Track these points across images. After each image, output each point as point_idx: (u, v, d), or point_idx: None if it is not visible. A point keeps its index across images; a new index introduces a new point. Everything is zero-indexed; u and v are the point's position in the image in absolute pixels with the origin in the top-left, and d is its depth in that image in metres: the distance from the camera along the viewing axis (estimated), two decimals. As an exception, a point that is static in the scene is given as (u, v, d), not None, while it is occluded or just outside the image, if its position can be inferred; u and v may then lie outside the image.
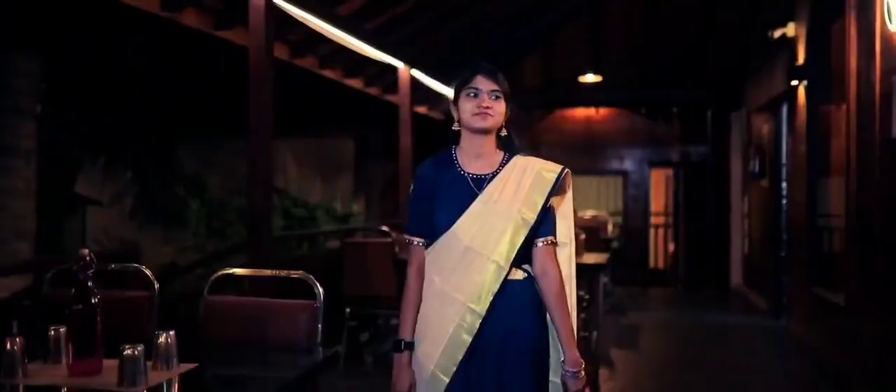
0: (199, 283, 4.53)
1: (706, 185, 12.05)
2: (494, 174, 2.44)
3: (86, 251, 2.37)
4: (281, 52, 6.88)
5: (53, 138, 8.33)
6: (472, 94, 2.40)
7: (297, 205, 11.37)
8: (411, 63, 8.40)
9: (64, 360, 2.39)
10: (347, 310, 6.22)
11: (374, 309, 6.39)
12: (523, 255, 2.40)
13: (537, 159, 2.50)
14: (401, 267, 6.34)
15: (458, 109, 2.45)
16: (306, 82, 8.66)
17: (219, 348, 2.87)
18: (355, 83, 8.91)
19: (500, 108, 2.42)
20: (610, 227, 11.20)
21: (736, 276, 11.45)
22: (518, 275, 2.40)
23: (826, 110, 6.68)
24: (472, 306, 2.36)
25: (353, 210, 12.27)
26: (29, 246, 7.00)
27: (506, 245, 2.36)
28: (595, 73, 11.47)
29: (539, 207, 2.39)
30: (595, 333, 6.76)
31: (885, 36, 4.51)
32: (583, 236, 7.91)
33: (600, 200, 14.33)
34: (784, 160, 8.27)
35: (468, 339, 2.37)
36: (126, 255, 5.63)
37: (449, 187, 2.43)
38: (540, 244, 2.41)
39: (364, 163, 14.00)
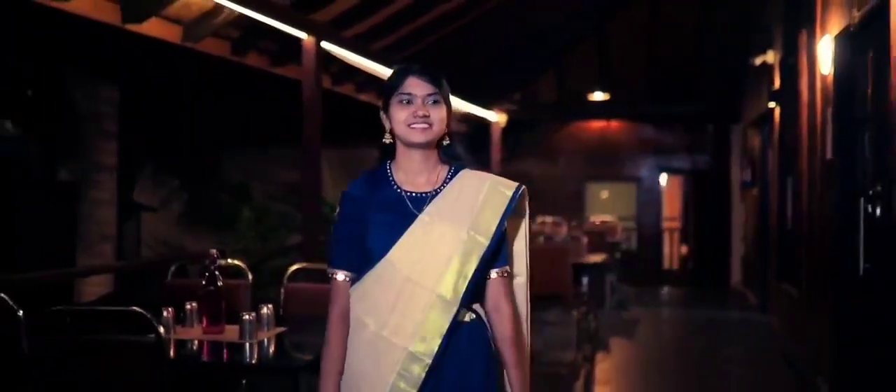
0: (258, 277, 5.67)
1: (709, 192, 13.06)
2: (437, 191, 2.01)
3: (214, 251, 3.50)
4: (324, 81, 8.04)
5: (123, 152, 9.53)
6: (404, 101, 1.97)
7: (333, 210, 12.50)
8: (436, 86, 9.53)
9: (197, 325, 3.52)
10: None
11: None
12: (475, 291, 1.97)
13: (489, 174, 2.07)
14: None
15: (389, 119, 2.02)
16: (341, 97, 9.80)
17: (296, 321, 3.98)
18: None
19: (439, 114, 1.99)
20: (619, 231, 12.21)
21: (736, 275, 12.43)
22: (466, 317, 1.99)
23: (794, 130, 7.69)
24: (416, 351, 1.90)
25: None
26: (111, 247, 8.21)
27: (452, 275, 1.92)
28: (602, 90, 12.51)
29: (493, 230, 1.96)
30: (593, 323, 7.85)
31: (822, 76, 5.54)
32: (585, 239, 8.98)
33: (615, 206, 15.30)
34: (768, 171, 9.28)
35: None
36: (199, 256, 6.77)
37: (383, 209, 1.98)
38: (494, 276, 1.99)
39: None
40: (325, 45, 6.59)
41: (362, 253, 1.98)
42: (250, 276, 4.18)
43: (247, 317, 3.33)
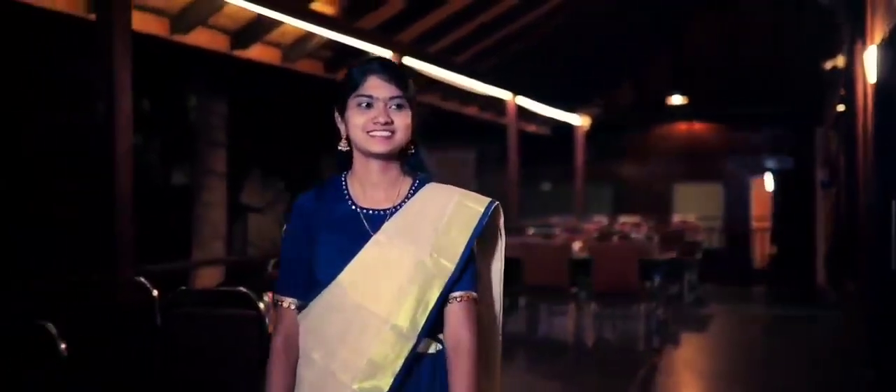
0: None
1: (795, 192, 13.16)
2: (397, 208, 1.74)
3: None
4: (410, 92, 8.75)
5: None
6: (364, 104, 1.70)
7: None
8: (516, 93, 10.13)
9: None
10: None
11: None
12: (438, 321, 1.72)
13: (457, 189, 1.79)
14: (507, 263, 8.03)
15: (345, 124, 1.74)
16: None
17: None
18: (471, 110, 10.72)
19: (404, 120, 1.71)
20: (699, 231, 12.44)
21: (820, 274, 12.50)
22: (430, 348, 1.73)
23: (854, 134, 7.92)
24: (363, 390, 1.67)
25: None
26: (222, 244, 9.16)
27: (411, 304, 1.67)
28: (682, 93, 12.81)
29: (460, 252, 1.70)
30: (662, 318, 8.26)
31: (869, 83, 5.85)
32: (657, 238, 9.37)
33: (702, 206, 15.45)
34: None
35: None
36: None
37: (335, 227, 1.72)
38: (455, 301, 1.71)
39: (484, 173, 15.69)
40: (407, 60, 7.28)
41: (309, 277, 1.73)
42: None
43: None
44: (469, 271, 1.74)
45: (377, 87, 1.71)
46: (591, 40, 11.24)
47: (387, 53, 7.00)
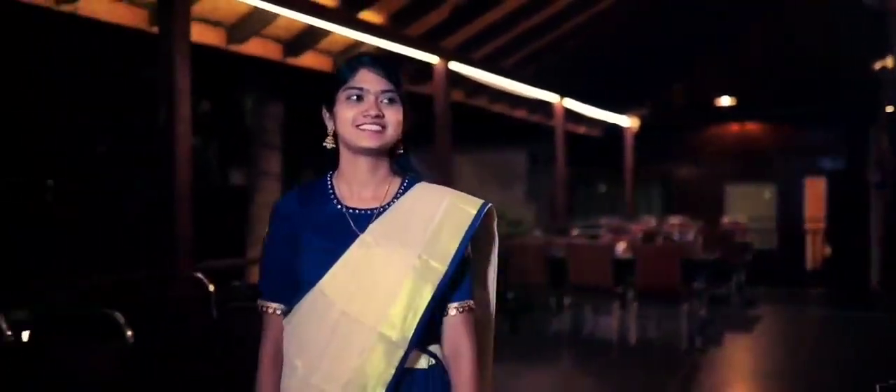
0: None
1: (849, 193, 13.03)
2: (386, 208, 1.68)
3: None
4: (458, 95, 8.99)
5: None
6: (353, 97, 1.65)
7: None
8: (563, 95, 10.28)
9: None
10: (510, 294, 8.18)
11: (528, 293, 8.32)
12: (430, 329, 1.65)
13: (449, 189, 1.74)
14: (554, 263, 8.27)
15: (334, 119, 1.69)
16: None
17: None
18: (520, 113, 10.90)
19: (395, 115, 1.67)
20: (749, 232, 12.38)
21: (875, 276, 12.35)
22: (421, 362, 1.66)
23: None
24: None
25: (524, 216, 14.17)
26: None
27: (400, 310, 1.60)
28: (734, 93, 12.79)
29: (451, 255, 1.64)
30: (704, 318, 8.33)
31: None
32: (701, 238, 9.41)
33: (754, 207, 15.34)
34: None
35: None
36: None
37: (319, 228, 1.66)
38: (453, 312, 1.67)
39: (535, 174, 15.84)
40: (453, 65, 7.51)
41: (293, 281, 1.66)
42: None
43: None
44: (466, 278, 1.69)
45: (368, 80, 1.66)
46: (639, 42, 11.32)
47: (433, 59, 7.25)
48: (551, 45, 9.29)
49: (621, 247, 8.30)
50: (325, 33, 6.21)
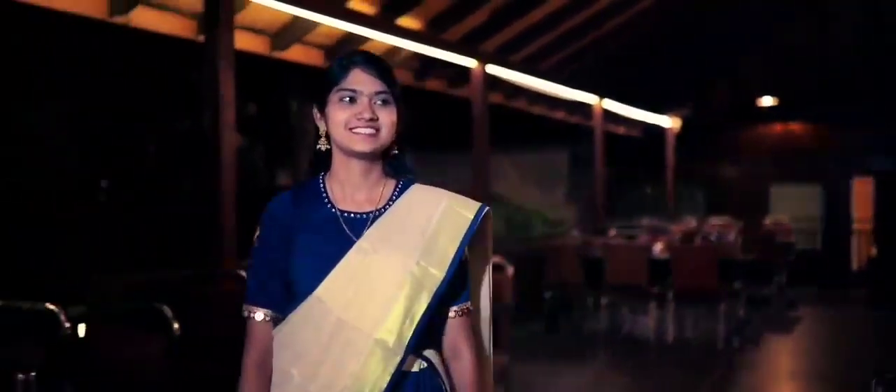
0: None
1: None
2: (381, 212, 1.66)
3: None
4: (496, 98, 9.13)
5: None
6: (346, 99, 1.61)
7: (516, 212, 13.59)
8: (602, 96, 10.36)
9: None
10: (547, 294, 8.30)
11: (566, 293, 8.43)
12: (426, 334, 1.63)
13: (445, 191, 1.72)
14: (591, 263, 8.35)
15: (326, 120, 1.66)
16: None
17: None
18: (559, 115, 11.00)
19: (389, 117, 1.63)
20: (791, 233, 12.28)
21: (921, 278, 12.17)
22: (415, 366, 1.64)
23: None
24: None
25: (564, 216, 14.24)
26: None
27: (397, 317, 1.59)
28: (776, 93, 12.72)
29: (450, 260, 1.63)
30: (742, 318, 8.35)
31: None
32: (740, 239, 9.40)
33: (799, 207, 15.18)
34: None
35: None
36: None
37: (312, 232, 1.63)
38: (453, 315, 1.68)
39: (577, 174, 15.88)
40: (491, 68, 7.65)
41: (286, 287, 1.63)
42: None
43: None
44: (464, 282, 1.68)
45: (361, 82, 1.62)
46: (679, 42, 11.35)
47: (471, 63, 7.40)
48: (590, 46, 9.38)
49: (658, 247, 8.36)
50: (365, 40, 6.41)
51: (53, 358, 3.02)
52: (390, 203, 1.68)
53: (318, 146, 1.69)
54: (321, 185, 1.69)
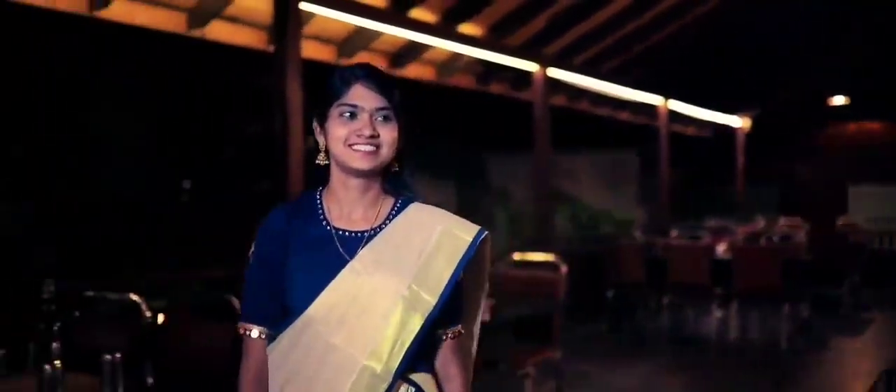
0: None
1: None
2: (377, 231, 1.62)
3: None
4: (559, 100, 9.28)
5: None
6: (347, 115, 1.58)
7: (582, 211, 13.69)
8: (667, 97, 10.40)
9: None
10: (610, 293, 8.42)
11: (628, 293, 8.54)
12: (415, 358, 1.60)
13: (445, 212, 1.68)
14: (654, 263, 8.41)
15: (325, 135, 1.62)
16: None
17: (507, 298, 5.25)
18: (624, 116, 11.08)
19: (390, 134, 1.60)
20: (865, 234, 11.99)
21: None
22: (402, 388, 1.60)
23: None
24: None
25: (633, 217, 14.26)
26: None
27: (387, 341, 1.55)
28: (848, 91, 12.49)
29: (444, 284, 1.59)
30: (805, 313, 8.31)
31: None
32: (805, 239, 9.31)
33: (880, 208, 14.80)
34: None
35: None
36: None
37: (306, 249, 1.60)
38: (443, 338, 1.66)
39: (648, 175, 15.85)
40: (552, 72, 7.83)
41: (279, 305, 1.60)
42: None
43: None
44: (456, 305, 1.65)
45: (362, 97, 1.58)
46: (748, 42, 11.27)
47: (532, 67, 7.59)
48: (655, 47, 9.45)
49: (722, 247, 8.39)
50: (427, 47, 6.68)
51: (136, 343, 3.36)
52: (387, 222, 1.64)
53: (316, 161, 1.64)
54: (318, 201, 1.66)
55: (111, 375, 2.66)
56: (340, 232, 1.62)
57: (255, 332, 1.62)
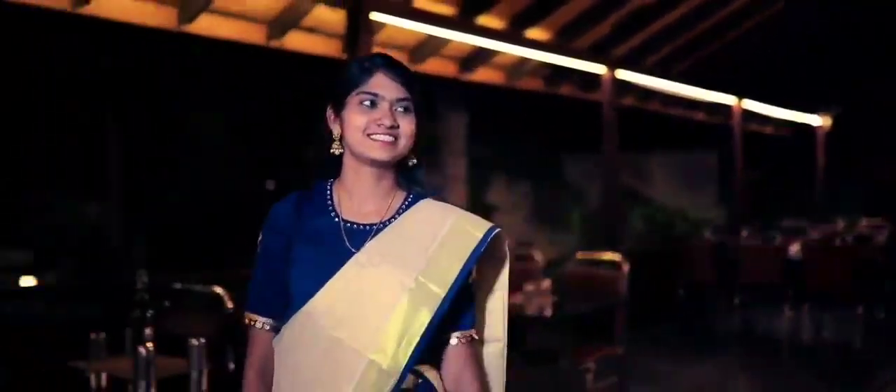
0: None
1: None
2: (386, 224, 1.58)
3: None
4: (629, 100, 9.36)
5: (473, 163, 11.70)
6: (366, 103, 1.53)
7: (657, 211, 13.65)
8: (742, 96, 10.35)
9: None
10: (681, 292, 8.48)
11: (699, 292, 8.58)
12: (424, 357, 1.53)
13: (456, 209, 1.63)
14: (725, 263, 8.42)
15: (341, 124, 1.57)
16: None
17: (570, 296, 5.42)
18: (698, 116, 11.06)
19: (409, 126, 1.56)
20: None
21: None
22: (409, 381, 1.53)
23: None
24: None
25: (710, 217, 14.13)
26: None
27: (393, 336, 1.49)
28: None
29: (452, 279, 1.52)
30: (881, 315, 8.16)
31: None
32: (880, 239, 9.13)
33: None
34: None
35: None
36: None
37: (312, 241, 1.57)
38: (455, 341, 1.57)
39: (726, 174, 15.66)
40: (621, 74, 7.94)
41: (284, 296, 1.56)
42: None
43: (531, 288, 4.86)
44: (468, 307, 1.58)
45: (383, 86, 1.54)
46: (829, 38, 11.09)
47: (600, 69, 7.72)
48: (728, 46, 9.43)
49: (795, 248, 8.35)
50: (495, 53, 6.90)
51: (219, 330, 3.67)
52: (397, 216, 1.59)
53: (331, 150, 1.59)
54: (328, 192, 1.62)
55: (197, 359, 2.93)
56: (348, 224, 1.57)
57: (259, 323, 1.59)
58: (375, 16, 5.43)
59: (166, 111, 8.89)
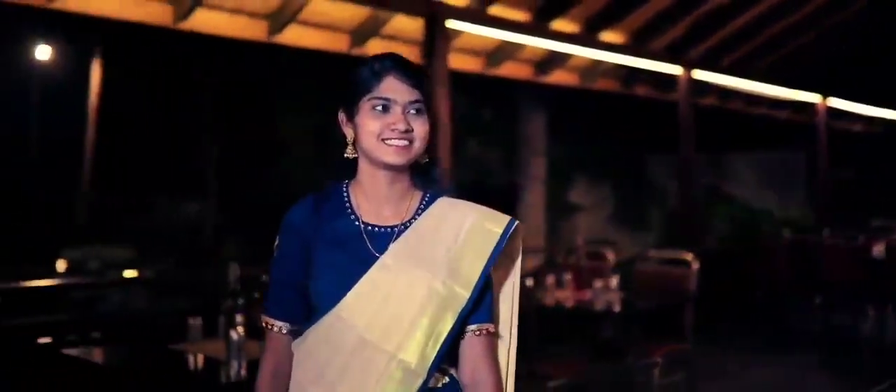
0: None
1: None
2: (406, 226, 1.61)
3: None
4: (709, 100, 9.37)
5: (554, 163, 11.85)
6: (379, 108, 1.55)
7: (741, 211, 13.51)
8: (826, 94, 10.20)
9: (568, 290, 5.33)
10: (758, 292, 8.45)
11: (778, 291, 8.52)
12: (449, 354, 1.58)
13: (474, 205, 1.66)
14: (805, 263, 8.31)
15: (355, 128, 1.60)
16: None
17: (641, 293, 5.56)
18: (782, 115, 10.94)
19: (422, 127, 1.58)
20: None
21: None
22: (438, 382, 1.59)
23: None
24: None
25: (794, 216, 13.87)
26: (541, 238, 10.54)
27: (421, 337, 1.53)
28: None
29: (476, 278, 1.57)
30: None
31: None
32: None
33: None
34: None
35: None
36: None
37: (334, 245, 1.59)
38: (470, 334, 1.59)
39: (816, 173, 15.32)
40: (697, 74, 7.99)
41: (306, 300, 1.59)
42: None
43: (599, 284, 5.04)
44: (485, 300, 1.60)
45: (395, 90, 1.55)
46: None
47: (676, 70, 7.79)
48: (811, 43, 9.30)
49: (878, 248, 8.20)
50: (568, 56, 7.07)
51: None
52: (416, 217, 1.62)
53: (345, 154, 1.62)
54: (345, 195, 1.64)
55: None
56: (369, 227, 1.60)
57: (276, 326, 1.62)
58: (452, 23, 5.68)
59: (258, 116, 9.40)
